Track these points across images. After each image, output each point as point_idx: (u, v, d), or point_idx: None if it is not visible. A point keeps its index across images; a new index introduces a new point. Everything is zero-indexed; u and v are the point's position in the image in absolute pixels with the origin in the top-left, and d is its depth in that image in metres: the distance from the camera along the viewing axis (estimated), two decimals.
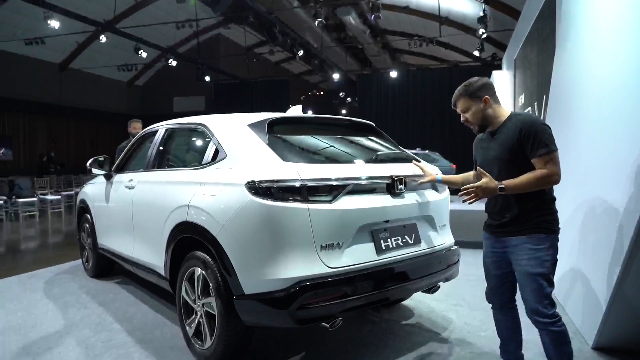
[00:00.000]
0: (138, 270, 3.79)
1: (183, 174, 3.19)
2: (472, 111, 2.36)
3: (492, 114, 2.35)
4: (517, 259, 2.28)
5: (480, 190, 2.20)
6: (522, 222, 2.25)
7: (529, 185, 2.17)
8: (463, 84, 2.42)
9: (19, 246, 7.45)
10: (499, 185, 2.18)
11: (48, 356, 2.99)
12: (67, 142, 20.15)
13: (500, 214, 2.34)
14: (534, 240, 2.22)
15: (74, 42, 17.48)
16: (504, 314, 2.51)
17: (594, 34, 3.68)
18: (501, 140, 2.29)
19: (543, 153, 2.15)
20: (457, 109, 2.44)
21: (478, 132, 2.46)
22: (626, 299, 2.69)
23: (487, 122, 2.36)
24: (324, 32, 17.09)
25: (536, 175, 2.15)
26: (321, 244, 2.42)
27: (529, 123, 2.21)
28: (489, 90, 2.37)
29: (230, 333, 2.61)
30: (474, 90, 2.35)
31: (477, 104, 2.34)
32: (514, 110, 2.38)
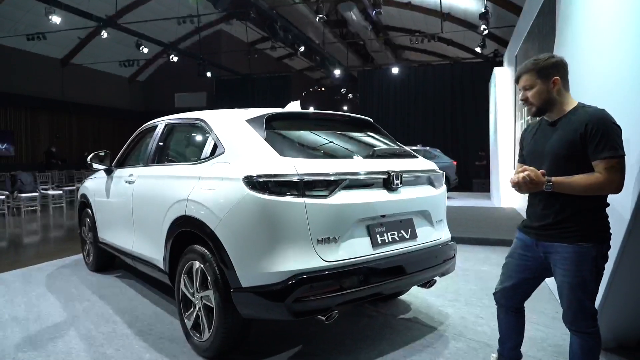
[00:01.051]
0: (138, 264, 3.83)
1: (182, 169, 3.23)
2: (535, 89, 2.09)
3: (558, 99, 2.08)
4: (558, 268, 2.08)
5: (523, 184, 1.98)
6: (568, 227, 2.04)
7: (581, 189, 1.96)
8: (533, 57, 2.14)
9: (21, 241, 7.51)
10: (546, 182, 1.97)
11: (51, 347, 3.03)
12: (69, 137, 20.21)
13: (543, 214, 2.11)
14: (579, 250, 2.01)
15: (75, 38, 17.51)
16: (508, 316, 2.37)
17: (593, 30, 3.69)
18: (562, 132, 2.04)
19: (608, 156, 1.91)
20: (518, 84, 2.18)
21: (535, 115, 2.17)
22: (619, 297, 2.71)
23: (549, 106, 2.10)
24: (325, 28, 17.07)
25: (591, 179, 1.93)
26: (317, 237, 2.45)
27: (598, 118, 1.97)
28: (561, 71, 2.09)
29: (228, 325, 2.64)
30: (544, 67, 2.07)
31: (544, 83, 2.07)
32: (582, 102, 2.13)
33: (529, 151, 2.24)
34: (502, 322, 2.41)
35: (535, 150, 2.18)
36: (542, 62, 2.09)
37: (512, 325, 2.38)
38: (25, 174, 10.87)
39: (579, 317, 2.06)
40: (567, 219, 2.04)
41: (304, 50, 16.37)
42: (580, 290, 2.03)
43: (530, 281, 2.27)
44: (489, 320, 3.41)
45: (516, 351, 2.43)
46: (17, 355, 2.93)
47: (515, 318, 2.37)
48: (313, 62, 19.40)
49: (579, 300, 2.04)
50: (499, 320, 2.44)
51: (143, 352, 2.95)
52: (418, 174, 3.10)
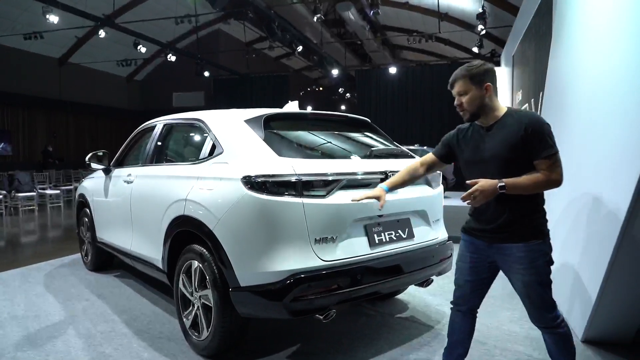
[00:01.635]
0: (136, 263, 3.85)
1: (181, 169, 3.24)
2: (469, 96, 2.15)
3: (490, 104, 2.16)
4: (515, 268, 2.15)
5: (479, 191, 2.03)
6: (518, 227, 2.11)
7: (531, 187, 2.04)
8: (466, 64, 2.21)
9: (20, 240, 7.50)
10: (499, 184, 2.02)
11: (50, 346, 3.05)
12: (67, 136, 20.15)
13: (493, 217, 2.16)
14: (532, 247, 2.10)
15: (73, 37, 17.45)
16: (465, 320, 2.39)
17: (589, 30, 3.72)
18: (501, 137, 2.11)
19: (549, 155, 2.02)
20: (453, 90, 2.23)
21: (468, 120, 2.24)
22: (615, 293, 2.74)
23: (482, 112, 2.17)
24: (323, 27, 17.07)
25: (539, 177, 2.03)
26: (315, 237, 2.48)
27: (536, 121, 2.06)
28: (492, 77, 2.18)
29: (227, 324, 2.66)
30: (477, 73, 2.14)
31: (477, 89, 2.14)
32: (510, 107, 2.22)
33: (469, 158, 2.26)
34: (457, 327, 2.42)
35: (476, 156, 2.21)
36: (475, 69, 2.15)
37: (467, 329, 2.41)
38: (22, 174, 10.85)
39: (544, 311, 2.15)
40: (517, 220, 2.11)
41: (301, 50, 16.37)
42: (539, 285, 2.12)
43: (485, 281, 2.33)
44: (484, 319, 3.42)
45: (463, 358, 2.45)
46: (16, 354, 2.94)
47: (471, 322, 2.41)
48: (311, 61, 19.41)
49: (539, 295, 2.13)
50: (452, 325, 2.44)
51: (142, 351, 2.96)
52: None
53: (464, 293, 2.36)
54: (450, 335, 2.44)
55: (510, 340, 3.06)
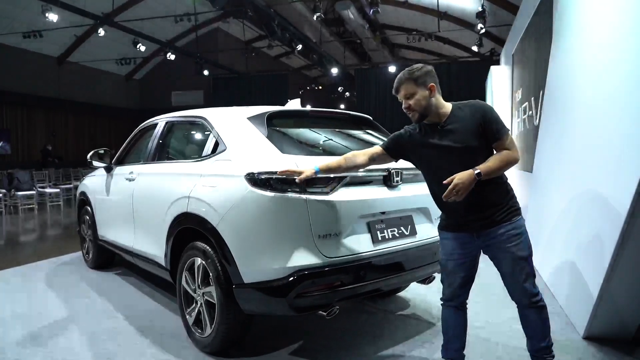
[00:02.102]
0: (138, 261, 3.85)
1: (183, 166, 3.25)
2: (416, 97, 2.25)
3: (436, 103, 2.27)
4: (505, 247, 2.23)
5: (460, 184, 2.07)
6: (501, 208, 2.23)
7: (501, 167, 2.16)
8: (407, 69, 2.33)
9: (20, 239, 7.50)
10: (475, 171, 2.09)
11: (53, 343, 3.05)
12: (66, 135, 20.11)
13: (474, 206, 2.22)
14: (516, 224, 2.24)
15: (72, 36, 17.43)
16: (457, 315, 2.45)
17: (590, 28, 3.73)
18: (461, 129, 2.21)
19: (505, 134, 2.19)
20: (398, 94, 2.33)
21: (417, 121, 2.33)
22: (616, 290, 2.76)
23: (429, 111, 2.26)
24: (322, 26, 17.07)
25: (503, 156, 2.17)
26: (319, 234, 2.48)
27: (486, 107, 2.25)
28: (434, 78, 2.30)
29: (230, 321, 2.67)
30: (420, 75, 2.26)
31: (422, 90, 2.25)
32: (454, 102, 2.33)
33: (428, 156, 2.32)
34: (451, 324, 2.47)
35: (438, 153, 2.27)
36: (417, 72, 2.27)
37: (460, 324, 2.47)
38: (22, 172, 10.83)
39: (529, 285, 2.25)
40: (498, 202, 2.24)
41: (301, 49, 16.37)
42: (527, 259, 2.25)
43: (473, 274, 2.42)
44: (486, 316, 3.45)
45: (461, 352, 2.49)
46: (20, 351, 2.95)
47: (463, 316, 2.48)
48: (310, 60, 19.39)
49: (526, 269, 2.24)
50: (445, 322, 2.49)
51: (145, 348, 2.97)
52: (417, 171, 3.12)
53: (454, 289, 2.43)
54: (446, 332, 2.49)
55: (512, 337, 3.07)
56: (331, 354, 2.88)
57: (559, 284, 3.69)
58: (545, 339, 2.32)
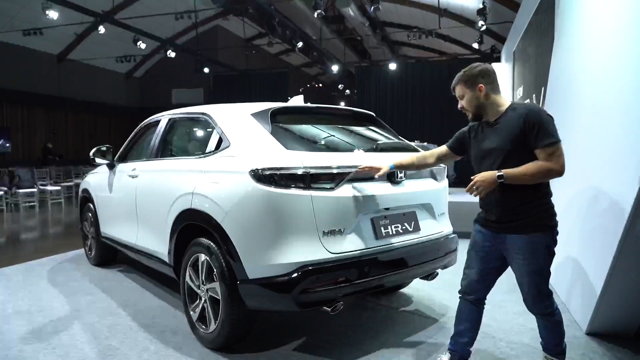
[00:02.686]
0: (141, 257, 3.85)
1: (187, 163, 3.25)
2: (467, 98, 2.30)
3: (488, 103, 2.28)
4: (515, 257, 2.25)
5: (479, 182, 2.14)
6: (520, 219, 2.19)
7: (530, 176, 2.09)
8: (463, 69, 2.35)
9: (22, 236, 7.50)
10: (497, 174, 2.11)
11: (56, 340, 3.06)
12: (66, 133, 20.09)
13: (497, 208, 2.25)
14: (532, 240, 2.18)
15: (72, 33, 17.39)
16: (472, 306, 2.46)
17: (592, 26, 3.72)
18: (503, 130, 2.21)
19: (548, 144, 2.08)
20: (455, 94, 2.38)
21: (472, 120, 2.38)
22: (619, 286, 2.76)
23: (482, 111, 2.29)
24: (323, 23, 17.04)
25: (538, 166, 2.09)
26: (323, 230, 2.48)
27: (534, 112, 2.15)
28: (486, 77, 2.29)
29: (235, 317, 2.67)
30: (469, 77, 2.28)
31: (472, 91, 2.28)
32: (514, 101, 2.37)
33: (476, 152, 2.37)
34: (464, 316, 2.49)
35: (482, 150, 2.31)
36: (468, 73, 2.30)
37: (474, 318, 2.48)
38: (23, 170, 10.84)
39: (537, 300, 2.28)
40: (519, 212, 2.20)
41: (301, 46, 16.34)
42: (537, 276, 2.23)
43: (493, 270, 2.40)
44: (492, 312, 3.44)
45: (469, 348, 2.51)
46: (23, 347, 2.95)
47: (478, 311, 2.48)
48: (310, 58, 19.36)
49: (536, 285, 2.25)
50: (459, 314, 2.51)
51: (148, 344, 2.97)
52: None
53: (471, 282, 2.44)
54: (457, 324, 2.51)
55: (517, 333, 3.08)
56: (334, 349, 2.88)
57: (561, 280, 3.69)
58: (549, 342, 2.40)
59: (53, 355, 2.84)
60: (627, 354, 2.77)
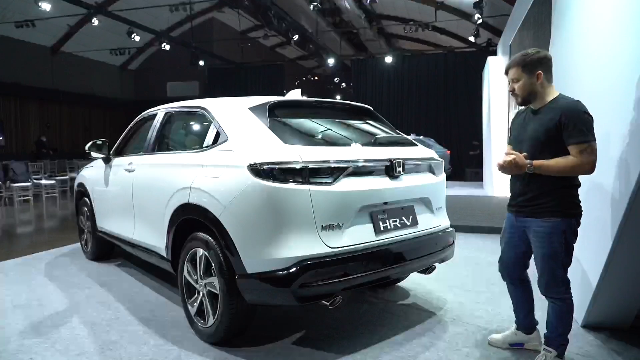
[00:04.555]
0: (138, 252, 3.85)
1: (184, 157, 3.23)
2: (521, 83, 2.31)
3: (541, 91, 2.31)
4: (533, 239, 2.37)
5: (511, 164, 2.23)
6: (540, 203, 2.29)
7: (559, 170, 2.18)
8: (522, 52, 2.35)
9: (17, 230, 7.47)
10: (528, 165, 2.21)
11: (55, 334, 3.06)
12: (60, 126, 19.98)
13: (520, 192, 2.39)
14: (548, 224, 2.27)
15: (65, 25, 17.23)
16: (515, 287, 2.63)
17: (590, 19, 3.72)
18: (541, 120, 2.27)
19: (580, 141, 2.14)
20: (507, 76, 2.39)
21: (520, 104, 2.43)
22: (615, 279, 2.78)
23: (533, 98, 2.33)
24: (319, 16, 16.96)
25: (568, 161, 2.17)
26: (322, 224, 2.49)
27: (572, 108, 2.20)
28: (545, 65, 2.30)
29: (233, 311, 2.68)
30: (529, 62, 2.29)
31: (528, 77, 2.29)
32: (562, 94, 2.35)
33: (515, 136, 2.48)
34: (512, 294, 2.67)
35: (519, 135, 2.43)
36: (529, 58, 2.30)
37: (520, 294, 2.63)
38: (18, 164, 10.76)
39: (551, 284, 2.34)
40: (539, 197, 2.30)
41: (297, 39, 16.27)
42: (552, 260, 2.30)
43: (520, 254, 2.52)
44: (486, 305, 3.48)
45: (529, 318, 2.66)
46: (22, 341, 2.95)
47: (522, 288, 2.62)
48: (306, 51, 19.30)
49: (551, 269, 2.31)
50: (510, 294, 2.70)
51: (147, 338, 2.98)
52: (419, 161, 3.14)
53: (505, 266, 2.61)
54: (512, 302, 2.71)
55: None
56: (333, 343, 2.90)
57: None
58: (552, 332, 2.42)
59: (52, 349, 2.84)
60: (623, 346, 2.80)
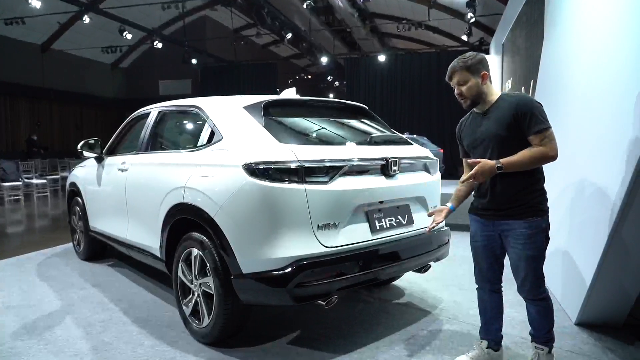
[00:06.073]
0: (132, 252, 3.82)
1: (178, 156, 3.21)
2: (469, 85, 2.32)
3: (487, 91, 2.34)
4: (514, 243, 2.30)
5: (479, 174, 2.19)
6: (517, 204, 2.26)
7: (527, 162, 2.18)
8: (460, 57, 2.38)
9: (8, 230, 7.38)
10: (496, 164, 2.17)
11: (48, 335, 3.02)
12: (51, 125, 19.79)
13: (492, 196, 2.32)
14: (530, 224, 2.24)
15: (55, 23, 17.05)
16: (491, 295, 2.53)
17: (582, 17, 3.74)
18: (496, 117, 2.28)
19: (540, 129, 2.16)
20: (451, 81, 2.40)
21: (469, 107, 2.42)
22: (608, 278, 2.81)
23: (480, 98, 2.35)
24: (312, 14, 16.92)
25: (533, 152, 2.17)
26: (318, 223, 2.48)
27: (525, 101, 2.24)
28: (487, 66, 2.36)
29: (228, 312, 2.66)
30: (473, 64, 2.32)
31: (475, 78, 2.32)
32: (504, 92, 2.39)
33: (470, 142, 2.43)
34: (487, 304, 2.57)
35: (476, 139, 2.38)
36: (471, 60, 2.32)
37: (496, 305, 2.56)
38: (8, 163, 10.64)
39: (535, 285, 2.32)
40: (516, 198, 2.27)
41: (290, 38, 16.23)
42: (536, 261, 2.29)
43: (499, 257, 2.46)
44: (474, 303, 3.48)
45: (500, 330, 2.61)
46: (15, 343, 2.91)
47: (498, 298, 2.56)
48: (299, 49, 19.27)
49: (534, 270, 2.29)
50: (481, 303, 2.59)
51: (142, 338, 2.96)
52: (414, 160, 3.14)
53: (481, 270, 2.52)
54: (483, 314, 2.58)
55: (505, 324, 3.11)
56: (329, 342, 2.90)
57: (552, 271, 3.74)
58: (540, 330, 2.42)
59: (46, 351, 2.81)
60: (616, 344, 2.82)
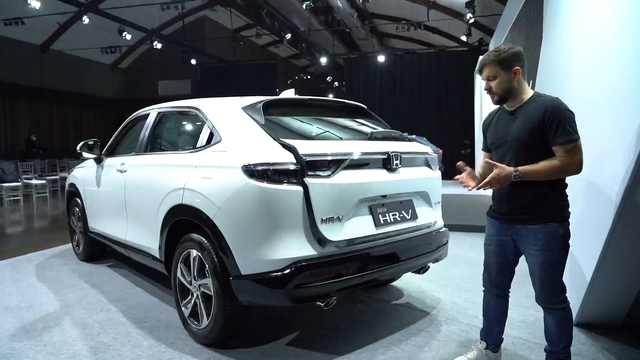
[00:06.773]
0: (131, 253, 3.81)
1: (177, 157, 3.21)
2: (498, 80, 2.20)
3: (518, 88, 2.21)
4: (529, 249, 2.23)
5: (495, 181, 2.12)
6: (534, 210, 2.18)
7: (547, 174, 2.09)
8: (494, 49, 2.25)
9: (6, 231, 7.38)
10: (514, 173, 2.10)
11: (47, 336, 3.02)
12: (50, 126, 19.76)
13: (509, 200, 2.26)
14: (548, 230, 2.15)
15: (55, 23, 17.04)
16: (497, 300, 2.48)
17: (581, 18, 3.74)
18: (522, 121, 2.17)
19: (566, 141, 2.05)
20: (482, 75, 2.28)
21: (497, 103, 2.31)
22: (607, 278, 2.80)
23: (510, 95, 2.22)
24: (311, 15, 16.93)
25: (555, 164, 2.08)
26: (322, 217, 2.47)
27: (555, 106, 2.10)
28: (521, 61, 2.22)
29: (227, 313, 2.66)
30: (506, 58, 2.18)
31: (506, 73, 2.18)
32: (537, 91, 2.26)
33: (493, 141, 2.36)
34: (492, 308, 2.52)
35: (498, 138, 2.30)
36: (504, 54, 2.19)
37: (501, 309, 2.50)
38: (7, 163, 10.63)
39: (552, 294, 2.22)
40: (534, 203, 2.18)
41: (289, 38, 16.21)
42: (552, 268, 2.19)
43: (510, 263, 2.41)
44: (479, 304, 3.48)
45: (501, 335, 2.57)
46: (13, 344, 2.91)
47: (504, 302, 2.50)
48: (299, 49, 19.25)
49: (551, 278, 2.20)
50: (486, 306, 2.55)
51: (141, 340, 2.96)
52: (415, 155, 3.16)
53: (491, 274, 2.46)
54: (486, 317, 2.54)
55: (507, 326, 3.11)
56: (328, 343, 2.89)
57: None
58: (557, 345, 2.29)
59: (44, 352, 2.80)
60: (615, 345, 2.83)
